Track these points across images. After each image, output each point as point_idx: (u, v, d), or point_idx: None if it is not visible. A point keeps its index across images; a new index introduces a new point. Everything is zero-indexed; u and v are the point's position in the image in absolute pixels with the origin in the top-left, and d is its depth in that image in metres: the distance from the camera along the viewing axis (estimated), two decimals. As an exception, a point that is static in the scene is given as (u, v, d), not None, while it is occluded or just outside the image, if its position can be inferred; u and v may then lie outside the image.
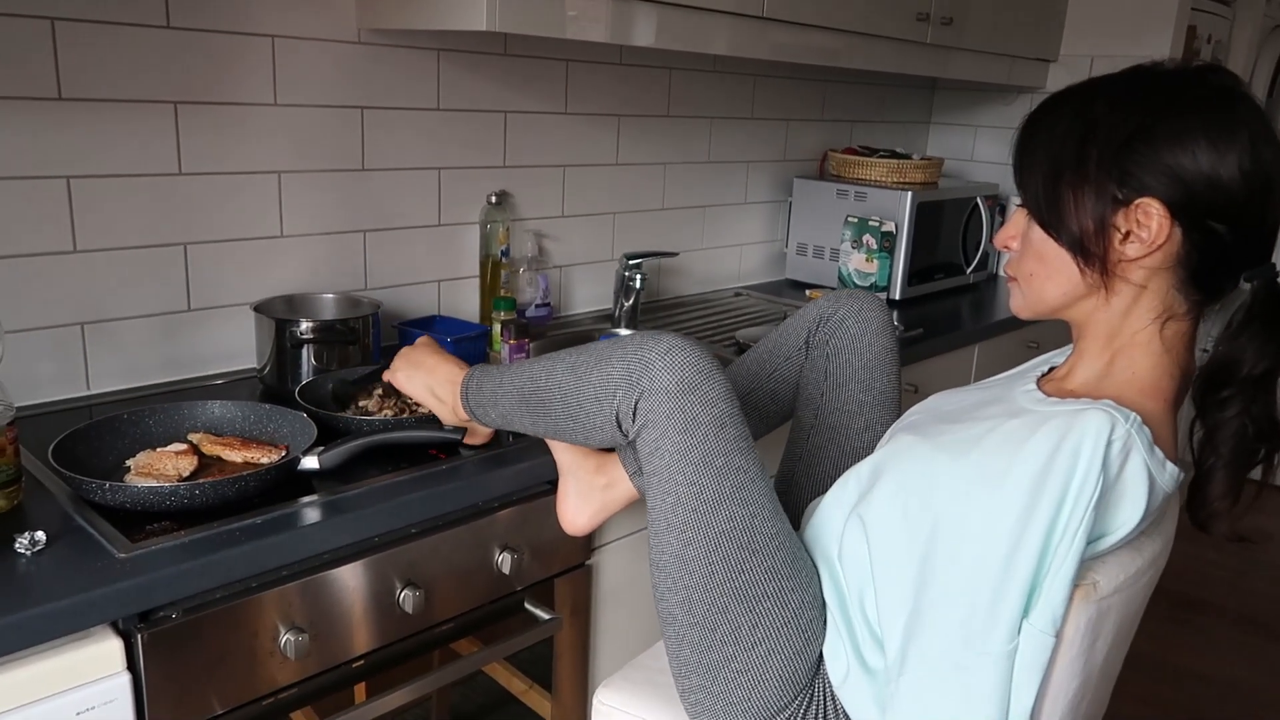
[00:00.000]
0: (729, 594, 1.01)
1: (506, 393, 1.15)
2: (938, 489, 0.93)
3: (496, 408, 1.17)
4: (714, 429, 1.01)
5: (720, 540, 1.01)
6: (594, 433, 1.09)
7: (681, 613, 1.04)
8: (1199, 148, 0.88)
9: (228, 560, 1.01)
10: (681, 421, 1.00)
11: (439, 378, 1.24)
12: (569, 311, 2.11)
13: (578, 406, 1.08)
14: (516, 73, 1.87)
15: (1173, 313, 0.94)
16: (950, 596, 0.88)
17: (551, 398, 1.10)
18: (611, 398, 1.04)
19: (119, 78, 1.38)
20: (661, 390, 1.00)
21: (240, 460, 1.20)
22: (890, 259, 2.36)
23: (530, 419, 1.14)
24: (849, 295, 1.33)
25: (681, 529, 1.02)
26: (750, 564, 1.01)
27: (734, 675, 1.02)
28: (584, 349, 1.10)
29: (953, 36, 2.33)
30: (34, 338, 1.37)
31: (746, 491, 1.02)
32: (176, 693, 1.00)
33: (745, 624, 1.02)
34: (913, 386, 2.04)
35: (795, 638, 1.03)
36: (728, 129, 2.38)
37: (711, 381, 1.01)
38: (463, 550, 1.24)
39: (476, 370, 1.21)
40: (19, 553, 0.97)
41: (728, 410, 1.02)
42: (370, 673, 1.20)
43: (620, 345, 1.06)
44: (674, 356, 1.01)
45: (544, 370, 1.12)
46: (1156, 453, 0.90)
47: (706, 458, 1.01)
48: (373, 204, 1.71)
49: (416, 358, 1.28)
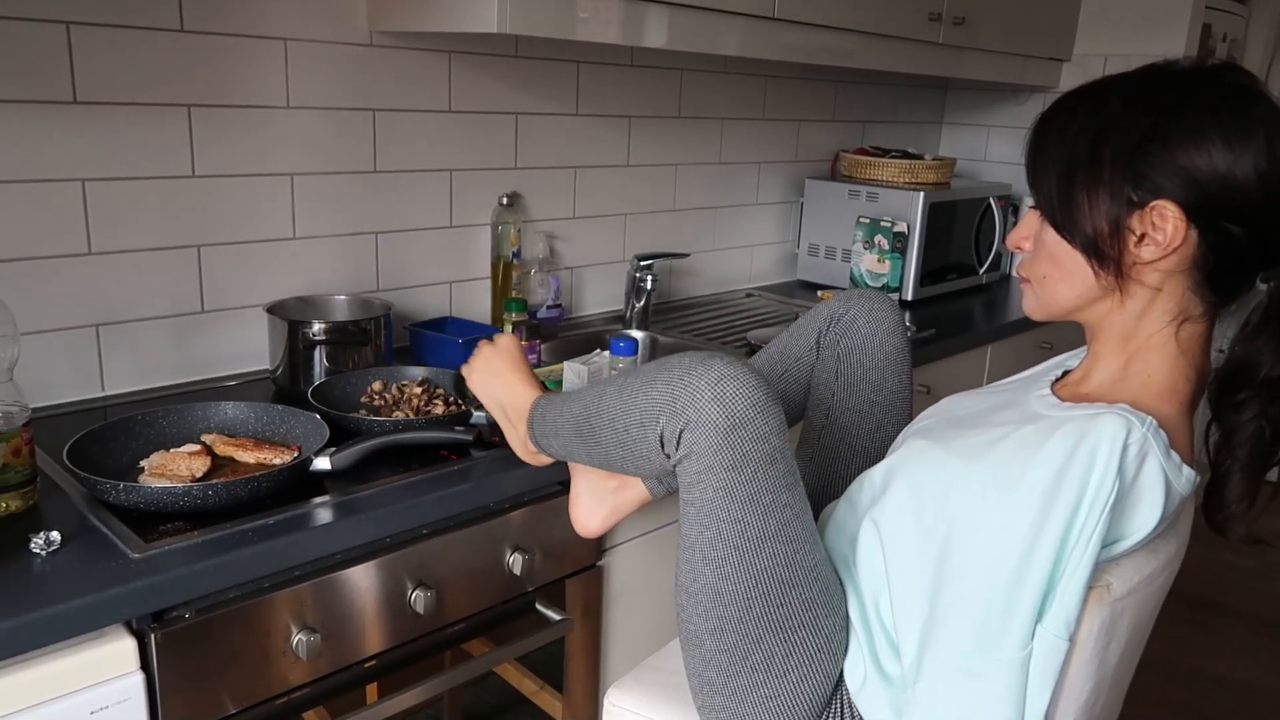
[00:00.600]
0: (764, 627, 0.98)
1: (564, 423, 1.11)
2: (952, 494, 0.92)
3: (558, 439, 1.13)
4: (764, 465, 0.95)
5: (761, 577, 0.97)
6: (644, 461, 1.02)
7: (712, 640, 1.00)
8: (1214, 148, 0.86)
9: (240, 560, 1.02)
10: (730, 459, 0.94)
11: (510, 398, 1.21)
12: (580, 313, 2.11)
13: (625, 433, 1.02)
14: (527, 74, 1.87)
15: (1188, 315, 0.93)
16: (965, 602, 0.88)
17: (601, 424, 1.05)
18: (655, 423, 0.98)
19: (133, 81, 1.39)
20: (709, 424, 0.94)
21: (253, 461, 1.21)
22: (902, 260, 2.35)
23: (585, 450, 1.10)
24: (860, 295, 1.32)
25: (720, 563, 0.98)
26: (789, 598, 0.98)
27: (762, 700, 1.01)
28: (636, 370, 1.04)
29: (965, 36, 2.32)
30: (49, 339, 1.38)
31: (792, 528, 0.98)
32: (190, 692, 1.01)
33: (779, 654, 0.99)
34: (925, 388, 2.03)
35: (827, 662, 1.01)
36: (739, 130, 2.38)
37: (765, 416, 0.94)
38: (474, 551, 1.24)
39: (541, 400, 1.16)
40: (34, 553, 0.98)
41: (779, 445, 0.96)
42: (382, 673, 1.20)
43: (667, 368, 0.99)
44: (724, 387, 0.93)
45: (596, 395, 1.07)
46: (1173, 456, 0.89)
47: (754, 496, 0.95)
48: (384, 206, 1.71)
49: (498, 365, 1.23)
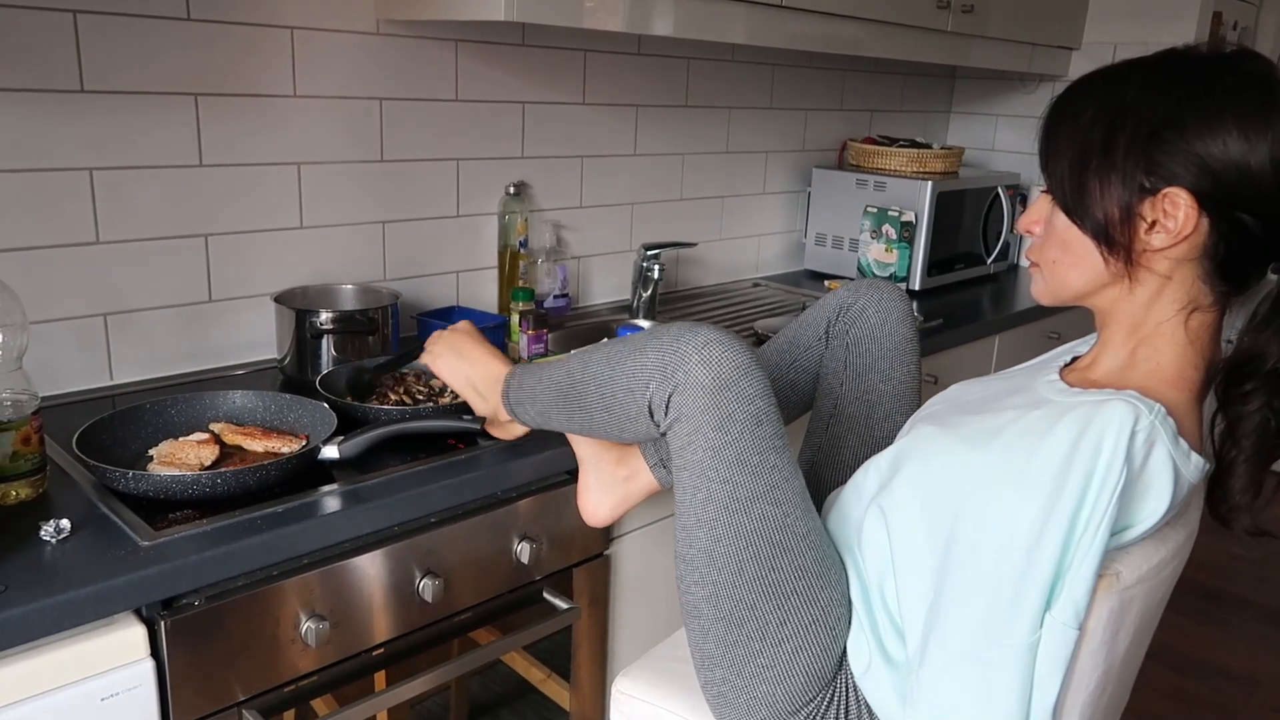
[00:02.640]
0: (758, 591, 1.00)
1: (545, 389, 1.13)
2: (958, 480, 0.92)
3: (535, 405, 1.15)
4: (750, 426, 0.98)
5: (752, 538, 1.00)
6: (628, 425, 1.06)
7: (708, 607, 1.03)
8: (1230, 137, 0.85)
9: (249, 548, 1.02)
10: (716, 418, 0.98)
11: (481, 372, 1.23)
12: (587, 302, 2.11)
13: (612, 398, 1.05)
14: (534, 63, 1.86)
15: (1198, 304, 0.93)
16: (971, 589, 0.87)
17: (587, 390, 1.08)
18: (645, 389, 1.01)
19: (140, 70, 1.38)
20: (696, 385, 0.98)
21: (261, 450, 1.21)
22: (910, 249, 2.34)
23: (566, 415, 1.12)
24: (869, 285, 1.32)
25: (711, 525, 1.01)
26: (781, 562, 1.00)
27: (759, 670, 1.02)
28: (623, 339, 1.08)
29: (974, 24, 2.31)
30: (58, 328, 1.39)
31: (780, 490, 1.00)
32: (199, 679, 1.01)
33: (773, 621, 1.01)
34: (932, 377, 2.03)
35: (823, 634, 1.02)
36: (746, 119, 2.37)
37: (750, 378, 0.98)
38: (482, 540, 1.25)
39: (518, 369, 1.20)
40: (44, 540, 0.98)
41: (765, 408, 0.99)
42: (390, 661, 1.20)
43: (656, 336, 1.03)
44: (711, 351, 0.98)
45: (580, 363, 1.10)
46: (1181, 444, 0.89)
47: (741, 455, 0.99)
48: (392, 195, 1.71)
49: (460, 346, 1.26)
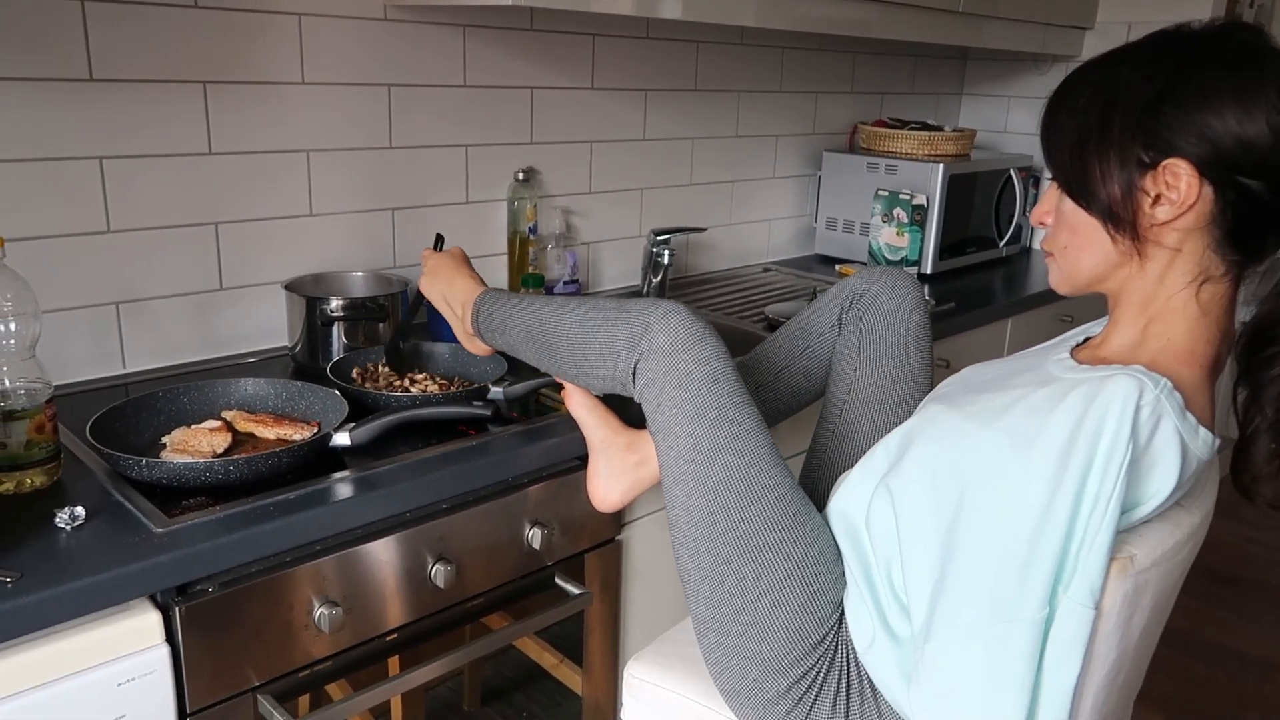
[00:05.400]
0: (730, 543, 1.05)
1: (516, 326, 1.25)
2: (966, 457, 0.92)
3: (505, 336, 1.27)
4: (707, 383, 1.06)
5: (719, 488, 1.05)
6: (594, 383, 1.18)
7: (692, 566, 1.08)
8: (1226, 106, 0.86)
9: (262, 535, 1.02)
10: (676, 377, 1.07)
11: (456, 289, 1.36)
12: (597, 287, 2.11)
13: (583, 358, 1.16)
14: (542, 48, 1.86)
15: (1209, 275, 0.92)
16: (978, 564, 0.87)
17: (559, 344, 1.19)
18: (615, 356, 1.12)
19: (149, 58, 1.38)
20: (658, 350, 1.08)
21: (273, 437, 1.22)
22: (921, 233, 2.33)
23: (535, 354, 1.24)
24: (882, 272, 1.33)
25: (683, 480, 1.07)
26: (749, 513, 1.05)
27: (743, 628, 1.05)
28: (593, 304, 1.18)
29: (986, 5, 2.28)
30: (70, 317, 1.39)
31: (742, 442, 1.06)
32: (214, 664, 1.02)
33: (749, 574, 1.04)
34: (944, 361, 2.02)
35: (799, 590, 1.04)
36: (756, 102, 2.36)
37: (703, 342, 1.08)
38: (493, 525, 1.25)
39: (490, 295, 1.31)
40: (59, 528, 0.99)
41: (720, 368, 1.07)
42: (403, 646, 1.21)
43: (625, 309, 1.13)
44: (669, 320, 1.08)
45: (554, 315, 1.20)
46: (1189, 418, 0.88)
47: (700, 410, 1.06)
48: (401, 182, 1.71)
49: (440, 266, 1.39)
